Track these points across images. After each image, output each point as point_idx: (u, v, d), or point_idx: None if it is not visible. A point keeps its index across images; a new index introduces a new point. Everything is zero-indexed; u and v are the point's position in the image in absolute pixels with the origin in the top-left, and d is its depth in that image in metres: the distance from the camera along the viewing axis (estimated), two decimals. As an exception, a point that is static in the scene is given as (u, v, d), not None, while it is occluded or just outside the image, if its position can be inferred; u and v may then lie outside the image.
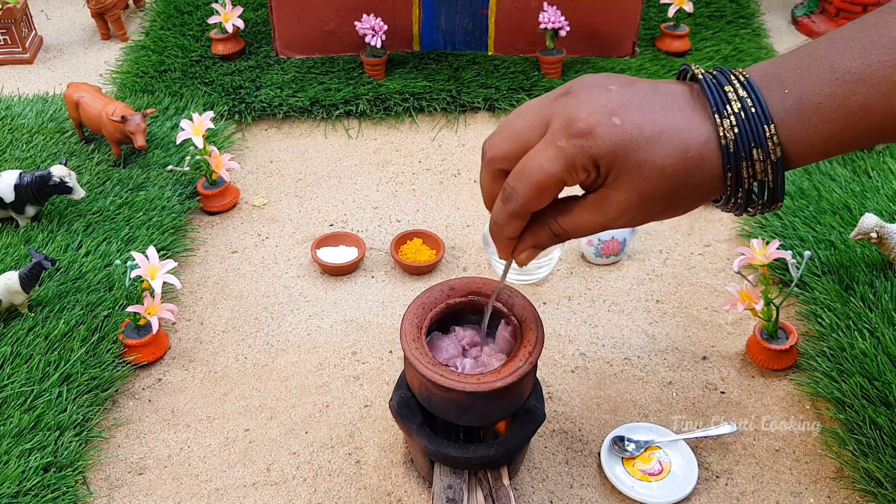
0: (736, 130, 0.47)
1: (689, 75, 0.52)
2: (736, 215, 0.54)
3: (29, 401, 0.89)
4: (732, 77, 0.49)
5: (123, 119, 1.20)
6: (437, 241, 1.14)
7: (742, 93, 0.48)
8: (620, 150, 0.48)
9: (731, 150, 0.48)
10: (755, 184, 0.49)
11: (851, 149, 0.49)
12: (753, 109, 0.47)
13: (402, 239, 1.15)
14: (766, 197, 0.50)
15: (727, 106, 0.48)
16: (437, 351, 0.76)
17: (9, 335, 0.96)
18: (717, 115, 0.48)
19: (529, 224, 0.54)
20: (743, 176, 0.48)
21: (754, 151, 0.47)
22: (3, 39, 1.62)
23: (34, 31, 1.70)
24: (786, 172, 0.50)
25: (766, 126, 0.47)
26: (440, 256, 1.12)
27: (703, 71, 0.51)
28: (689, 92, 0.50)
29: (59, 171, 1.10)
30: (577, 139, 0.48)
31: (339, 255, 1.13)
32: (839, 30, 0.49)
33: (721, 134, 0.48)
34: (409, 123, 1.44)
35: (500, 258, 0.58)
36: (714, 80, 0.49)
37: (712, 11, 1.68)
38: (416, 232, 1.16)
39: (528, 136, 0.50)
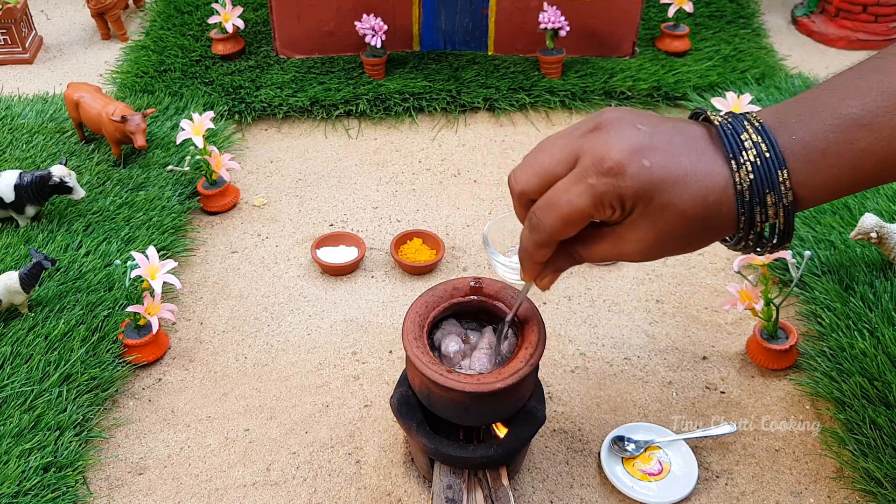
0: (751, 177, 0.49)
1: (701, 117, 0.53)
2: (744, 254, 0.55)
3: (29, 401, 0.89)
4: (746, 123, 0.50)
5: (123, 119, 1.20)
6: (437, 241, 1.14)
7: (756, 138, 0.49)
8: (647, 191, 0.50)
9: (747, 198, 0.49)
10: (766, 226, 0.51)
11: (859, 189, 0.50)
12: (768, 154, 0.49)
13: (402, 239, 1.15)
14: (776, 238, 0.51)
15: (743, 153, 0.49)
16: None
17: (9, 335, 0.96)
18: (733, 162, 0.50)
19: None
20: (756, 220, 0.50)
21: (768, 197, 0.49)
22: (3, 39, 1.62)
23: (34, 31, 1.70)
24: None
25: (779, 171, 0.49)
26: (440, 256, 1.12)
27: (718, 117, 0.52)
28: (707, 135, 0.52)
29: (59, 170, 1.10)
30: (608, 177, 0.49)
31: (339, 255, 1.13)
32: (839, 75, 0.51)
33: (737, 180, 0.49)
34: (409, 123, 1.44)
35: (524, 279, 0.60)
36: (730, 127, 0.51)
37: (712, 11, 1.68)
38: (416, 232, 1.16)
39: (556, 170, 0.52)
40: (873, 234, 0.96)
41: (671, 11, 1.52)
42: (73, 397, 0.91)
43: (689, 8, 1.52)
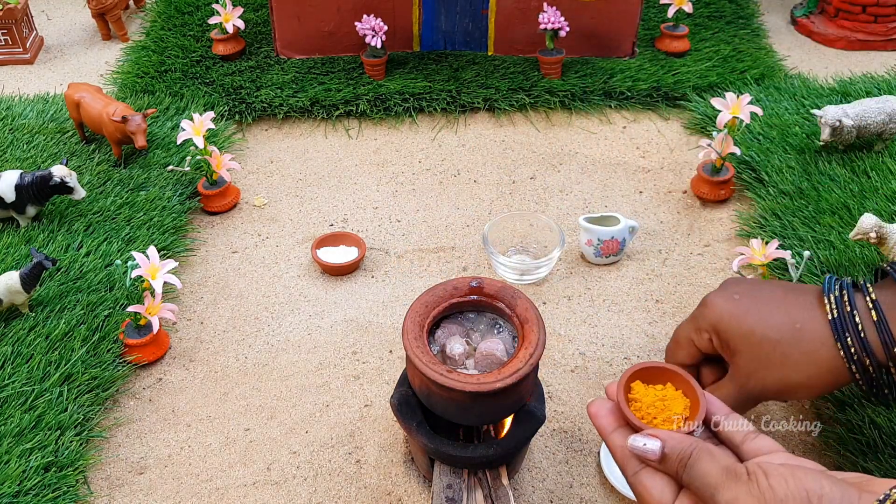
0: (839, 311, 0.63)
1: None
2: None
3: (30, 400, 0.89)
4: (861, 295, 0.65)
5: (124, 119, 1.21)
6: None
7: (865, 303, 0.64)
8: (731, 319, 0.65)
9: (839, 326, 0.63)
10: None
11: None
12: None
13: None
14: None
15: (835, 294, 0.65)
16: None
17: (9, 335, 0.97)
18: (826, 299, 0.65)
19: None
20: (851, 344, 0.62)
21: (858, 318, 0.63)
22: (4, 40, 1.62)
23: (35, 32, 1.70)
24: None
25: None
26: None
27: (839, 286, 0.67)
28: (816, 293, 0.67)
29: (59, 171, 1.10)
30: (702, 308, 0.69)
31: (339, 255, 1.13)
32: None
33: (829, 308, 0.64)
34: (409, 123, 1.45)
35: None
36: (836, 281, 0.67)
37: (711, 12, 1.68)
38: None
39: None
40: (872, 235, 0.97)
41: (671, 12, 1.52)
42: (73, 397, 0.91)
43: (688, 8, 1.52)
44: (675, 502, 0.50)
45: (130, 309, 0.97)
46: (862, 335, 0.62)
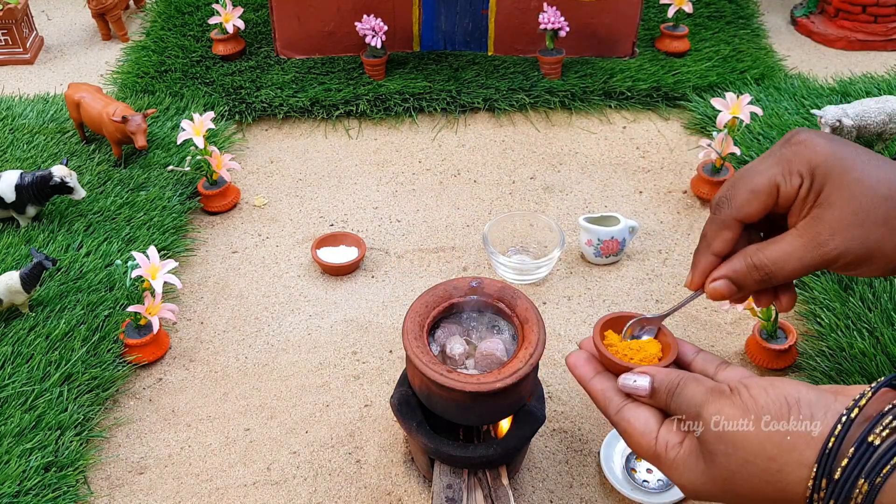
0: None
1: None
2: None
3: (30, 400, 0.89)
4: None
5: (124, 119, 1.21)
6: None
7: None
8: (836, 161, 0.51)
9: None
10: None
11: None
12: None
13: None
14: None
15: None
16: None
17: (10, 335, 0.97)
18: None
19: (729, 256, 0.56)
20: None
21: None
22: (4, 40, 1.62)
23: (35, 32, 1.70)
24: None
25: None
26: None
27: None
28: None
29: (59, 171, 1.10)
30: (795, 146, 0.52)
31: (339, 255, 1.13)
32: None
33: None
34: (409, 124, 1.45)
35: (691, 286, 0.58)
36: None
37: (711, 12, 1.68)
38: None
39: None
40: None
41: (671, 12, 1.52)
42: (73, 397, 0.91)
43: (688, 8, 1.52)
44: (660, 429, 0.52)
45: (130, 309, 0.97)
46: None
